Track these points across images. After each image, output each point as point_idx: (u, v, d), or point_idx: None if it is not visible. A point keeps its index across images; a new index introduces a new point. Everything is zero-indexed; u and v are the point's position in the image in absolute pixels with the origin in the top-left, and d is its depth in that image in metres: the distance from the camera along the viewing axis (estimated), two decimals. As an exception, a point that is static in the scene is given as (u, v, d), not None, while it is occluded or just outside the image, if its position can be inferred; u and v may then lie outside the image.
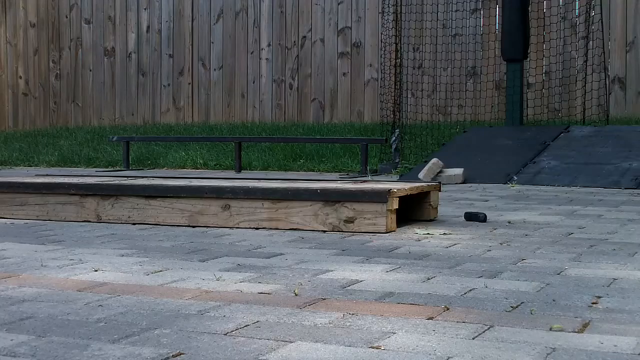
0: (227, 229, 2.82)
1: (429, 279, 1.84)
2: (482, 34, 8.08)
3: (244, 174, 6.59)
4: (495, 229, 2.77)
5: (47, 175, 4.22)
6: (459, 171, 5.38)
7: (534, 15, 7.13)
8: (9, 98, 10.85)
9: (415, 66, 8.25)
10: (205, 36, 9.55)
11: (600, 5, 6.72)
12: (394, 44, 7.35)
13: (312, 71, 8.96)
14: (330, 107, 8.88)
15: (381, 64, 8.08)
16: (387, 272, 1.93)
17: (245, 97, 9.34)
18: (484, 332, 1.35)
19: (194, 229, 2.84)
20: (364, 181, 3.25)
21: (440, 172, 5.42)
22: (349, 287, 1.74)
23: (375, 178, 5.73)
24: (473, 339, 1.31)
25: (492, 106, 7.71)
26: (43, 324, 1.42)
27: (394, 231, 2.70)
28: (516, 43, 6.38)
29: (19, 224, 3.01)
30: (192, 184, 3.05)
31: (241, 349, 1.25)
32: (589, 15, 6.78)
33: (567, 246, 2.36)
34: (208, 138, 7.82)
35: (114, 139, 7.57)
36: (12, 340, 1.31)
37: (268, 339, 1.31)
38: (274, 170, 6.97)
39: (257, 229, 2.80)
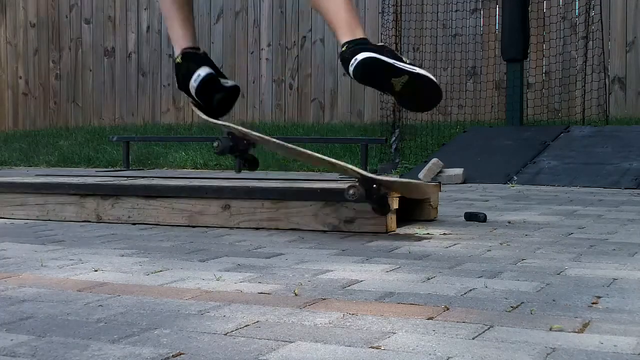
0: (227, 229, 2.82)
1: (429, 279, 1.84)
2: (482, 34, 8.09)
3: (244, 174, 6.59)
4: (495, 229, 2.77)
5: (47, 175, 4.22)
6: (459, 171, 5.38)
7: (534, 15, 7.14)
8: (9, 98, 10.85)
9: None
10: (205, 36, 9.55)
11: (600, 5, 6.73)
12: (394, 44, 7.35)
13: (312, 71, 8.96)
14: (330, 107, 8.88)
15: (381, 64, 8.06)
16: (387, 272, 1.93)
17: (245, 97, 9.34)
18: (484, 332, 1.35)
19: (194, 229, 2.84)
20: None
21: (440, 172, 5.42)
22: (349, 287, 1.74)
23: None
24: (473, 339, 1.31)
25: (492, 106, 7.71)
26: (43, 324, 1.42)
27: (394, 231, 2.70)
28: (516, 43, 6.38)
29: (19, 224, 3.01)
30: (192, 184, 3.05)
31: (241, 349, 1.25)
32: (589, 15, 6.78)
33: (567, 246, 2.36)
34: (208, 138, 7.82)
35: (114, 139, 7.57)
36: (12, 340, 1.31)
37: (268, 339, 1.31)
38: (274, 170, 6.97)
39: (257, 229, 2.80)
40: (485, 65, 7.95)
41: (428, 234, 2.65)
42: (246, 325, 1.40)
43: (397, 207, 2.71)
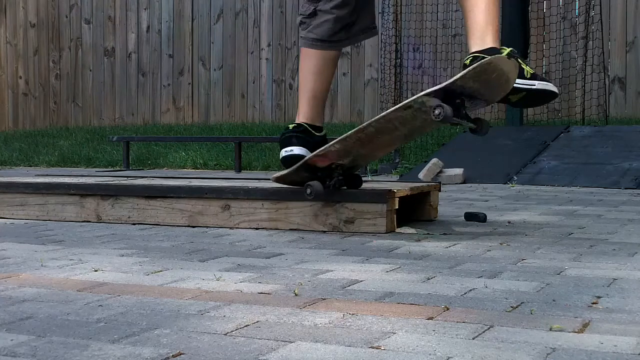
0: (227, 229, 2.82)
1: (428, 279, 1.84)
2: (482, 34, 8.07)
3: (244, 174, 6.60)
4: (495, 229, 2.77)
5: (47, 175, 4.22)
6: (459, 171, 5.38)
7: (534, 15, 7.13)
8: (9, 98, 10.85)
9: (415, 66, 8.25)
10: (205, 36, 9.55)
11: (600, 5, 6.72)
12: (394, 44, 7.36)
13: (312, 71, 8.95)
14: (330, 107, 8.88)
15: (381, 64, 8.08)
16: (387, 272, 1.93)
17: (245, 97, 9.34)
18: (484, 332, 1.35)
19: (194, 229, 2.84)
20: (364, 181, 3.25)
21: (440, 172, 5.42)
22: (349, 287, 1.74)
23: (375, 178, 5.74)
24: (473, 339, 1.31)
25: (492, 106, 7.70)
26: (43, 324, 1.42)
27: (394, 231, 2.70)
28: (516, 43, 6.37)
29: (19, 224, 3.01)
30: (192, 184, 3.05)
31: (241, 349, 1.25)
32: (589, 15, 6.78)
33: (567, 246, 2.36)
34: (208, 138, 7.82)
35: (114, 139, 7.57)
36: (12, 340, 1.31)
37: (268, 339, 1.31)
38: (274, 170, 6.97)
39: (257, 229, 2.80)
40: (485, 65, 7.94)
41: (428, 234, 2.65)
42: (246, 325, 1.40)
43: (397, 207, 2.71)
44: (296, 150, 2.81)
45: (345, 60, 8.78)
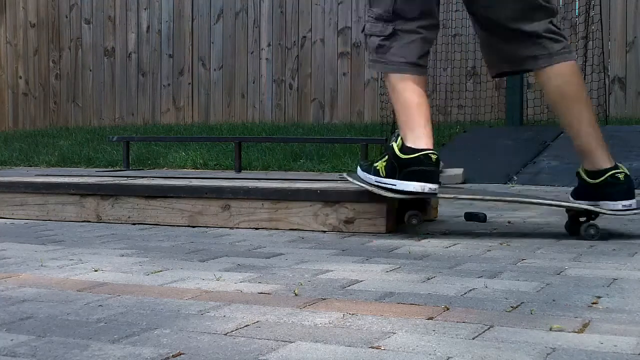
0: (227, 229, 2.82)
1: (428, 279, 1.84)
2: (482, 34, 8.07)
3: (244, 174, 6.59)
4: (495, 229, 2.77)
5: (47, 175, 4.22)
6: (458, 171, 5.38)
7: (534, 15, 7.12)
8: (9, 98, 10.85)
9: (415, 66, 8.23)
10: (205, 36, 9.55)
11: (600, 5, 6.72)
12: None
13: (312, 71, 8.96)
14: (330, 107, 8.88)
15: (381, 64, 8.06)
16: (387, 272, 1.93)
17: (245, 97, 9.34)
18: (484, 332, 1.35)
19: (194, 229, 2.84)
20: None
21: (441, 172, 5.42)
22: (349, 287, 1.74)
23: (375, 178, 5.72)
24: (473, 339, 1.31)
25: (492, 106, 7.70)
26: (43, 324, 1.42)
27: (394, 231, 2.70)
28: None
29: (19, 224, 3.01)
30: (192, 184, 3.05)
31: (241, 349, 1.25)
32: (589, 15, 6.78)
33: (567, 246, 2.36)
34: (208, 138, 7.82)
35: (114, 139, 7.56)
36: (12, 340, 1.31)
37: (268, 339, 1.31)
38: (274, 170, 6.97)
39: (257, 229, 2.80)
40: (486, 65, 7.94)
41: (428, 233, 2.65)
42: (246, 325, 1.40)
43: (397, 207, 2.71)
44: (437, 190, 2.59)
45: (345, 60, 8.78)
